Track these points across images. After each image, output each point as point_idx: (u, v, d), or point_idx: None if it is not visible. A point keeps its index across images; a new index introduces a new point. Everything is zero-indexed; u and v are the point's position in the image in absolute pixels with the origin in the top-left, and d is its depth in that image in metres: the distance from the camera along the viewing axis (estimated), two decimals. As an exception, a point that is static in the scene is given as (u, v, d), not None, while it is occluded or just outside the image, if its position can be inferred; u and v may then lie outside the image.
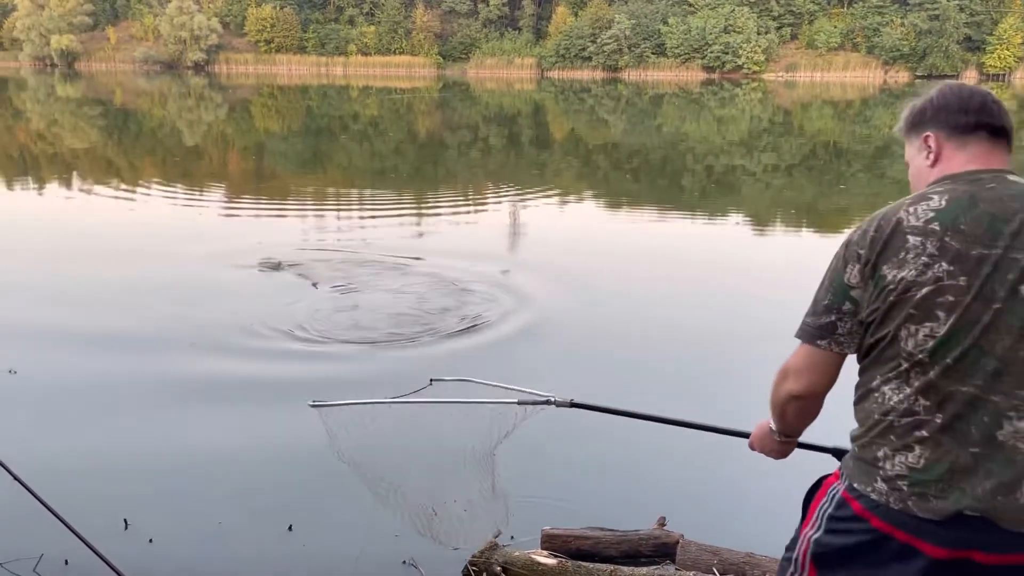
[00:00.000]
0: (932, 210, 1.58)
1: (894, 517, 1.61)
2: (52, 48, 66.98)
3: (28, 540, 3.28)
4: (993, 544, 1.56)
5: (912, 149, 1.78)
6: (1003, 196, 1.57)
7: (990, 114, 1.67)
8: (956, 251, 1.54)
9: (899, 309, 1.58)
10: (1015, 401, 1.54)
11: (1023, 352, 1.53)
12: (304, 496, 3.79)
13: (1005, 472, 1.54)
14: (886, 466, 1.62)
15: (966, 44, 59.55)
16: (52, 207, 11.87)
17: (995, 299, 1.53)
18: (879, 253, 1.60)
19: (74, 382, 5.09)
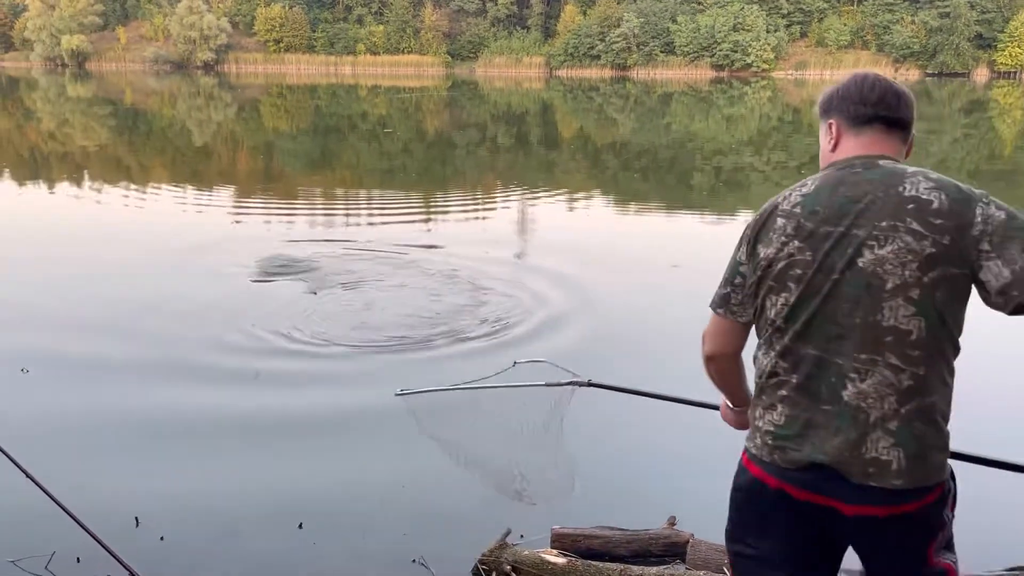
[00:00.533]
0: (801, 195, 1.80)
1: (766, 467, 1.83)
2: (63, 48, 67.35)
3: (40, 537, 3.30)
4: (849, 495, 1.73)
5: (822, 131, 1.95)
6: (862, 180, 1.75)
7: (887, 107, 1.83)
8: (809, 230, 1.75)
9: (764, 282, 1.81)
10: (855, 364, 1.71)
11: (858, 318, 1.70)
12: (314, 494, 3.80)
13: (851, 430, 1.72)
14: (759, 423, 1.86)
15: (977, 42, 59.18)
16: (64, 207, 11.94)
17: (834, 270, 1.72)
18: (757, 233, 1.84)
19: (85, 380, 5.12)
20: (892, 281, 1.68)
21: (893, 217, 1.69)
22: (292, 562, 3.29)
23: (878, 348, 1.70)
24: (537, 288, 7.17)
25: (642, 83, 55.04)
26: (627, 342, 5.94)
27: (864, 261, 1.70)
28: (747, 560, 1.92)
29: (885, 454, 1.71)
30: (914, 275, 1.67)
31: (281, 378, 5.17)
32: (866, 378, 1.71)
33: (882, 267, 1.69)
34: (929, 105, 36.30)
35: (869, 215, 1.71)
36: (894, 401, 1.71)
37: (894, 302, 1.69)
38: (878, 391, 1.71)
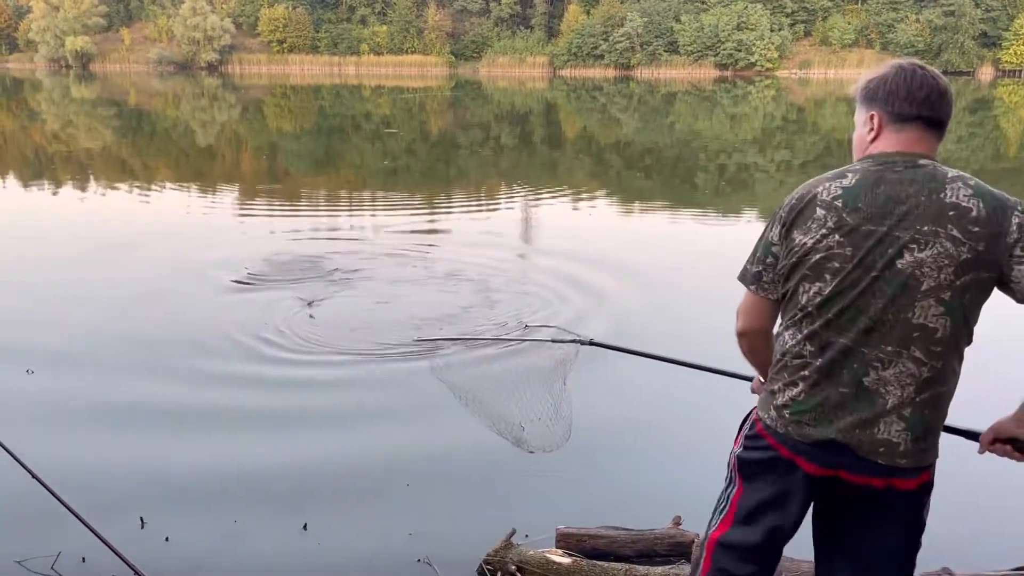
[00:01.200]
0: (841, 188, 1.87)
1: (780, 438, 1.98)
2: (67, 49, 67.50)
3: (46, 538, 3.30)
4: (855, 467, 1.90)
5: (860, 117, 1.99)
6: (904, 180, 1.84)
7: (931, 108, 1.88)
8: (850, 226, 1.83)
9: (799, 268, 1.90)
10: (880, 354, 1.85)
11: (891, 315, 1.83)
12: (319, 495, 3.80)
13: (866, 411, 1.87)
14: (778, 397, 1.98)
15: (982, 40, 59.02)
16: (68, 208, 11.96)
17: (874, 268, 1.82)
18: (793, 219, 1.91)
19: (91, 381, 5.12)
20: (928, 283, 1.81)
21: (935, 223, 1.79)
22: (297, 563, 3.29)
23: (905, 343, 1.84)
24: (542, 288, 7.17)
25: (646, 83, 54.99)
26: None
27: (903, 263, 1.81)
28: (739, 528, 2.10)
29: (896, 437, 1.87)
30: (948, 278, 1.80)
31: (287, 380, 5.18)
32: (888, 368, 1.85)
33: (920, 269, 1.80)
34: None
35: (911, 218, 1.81)
36: (912, 391, 1.86)
37: (926, 302, 1.81)
38: (899, 380, 1.85)
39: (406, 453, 4.19)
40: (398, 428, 4.46)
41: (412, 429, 4.44)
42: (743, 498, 2.11)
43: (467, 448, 4.23)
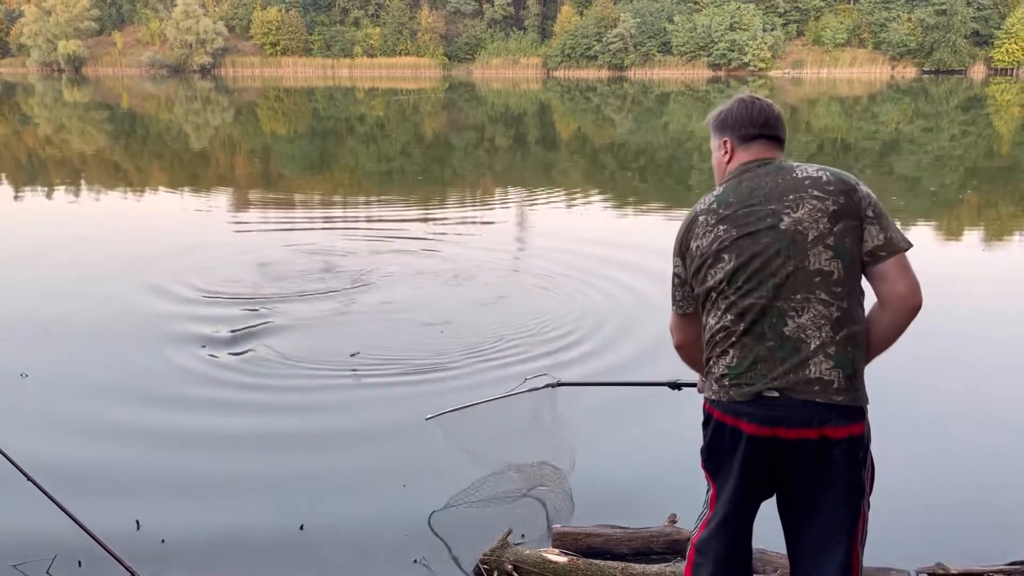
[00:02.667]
0: (713, 196, 2.25)
1: (723, 407, 2.15)
2: (59, 53, 67.37)
3: (42, 541, 3.30)
4: (790, 420, 2.05)
5: (715, 144, 2.40)
6: (760, 174, 2.21)
7: (769, 128, 2.30)
8: (727, 215, 2.17)
9: (703, 267, 2.20)
10: (792, 303, 2.07)
11: (790, 267, 2.08)
12: (315, 496, 3.80)
13: (793, 357, 2.06)
14: (714, 370, 2.18)
15: (973, 39, 59.22)
16: (61, 212, 11.93)
17: (761, 235, 2.11)
18: (685, 238, 2.27)
19: (86, 384, 5.12)
20: (811, 234, 2.09)
21: (796, 191, 2.14)
22: (294, 563, 3.30)
23: (810, 287, 2.07)
24: (545, 292, 7.18)
25: (639, 83, 55.05)
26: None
27: (785, 224, 2.11)
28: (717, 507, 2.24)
29: (827, 375, 2.05)
30: (827, 227, 2.09)
31: (281, 382, 5.17)
32: (803, 314, 2.07)
33: (800, 225, 2.10)
34: (926, 103, 36.36)
35: (776, 194, 2.15)
36: (830, 331, 2.07)
37: (816, 249, 2.08)
38: (815, 323, 2.07)
39: (402, 454, 4.19)
40: (394, 429, 4.46)
41: (408, 429, 4.44)
42: (718, 495, 2.25)
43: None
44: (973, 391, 5.07)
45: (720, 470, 2.22)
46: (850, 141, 22.10)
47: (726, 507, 2.22)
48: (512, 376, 5.20)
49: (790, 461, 2.10)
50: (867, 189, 2.16)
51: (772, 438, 2.08)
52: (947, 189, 13.66)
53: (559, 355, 5.53)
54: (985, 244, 9.65)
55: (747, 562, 2.31)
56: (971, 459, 4.19)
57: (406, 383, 5.12)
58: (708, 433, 2.23)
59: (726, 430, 2.16)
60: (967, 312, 6.52)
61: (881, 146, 20.64)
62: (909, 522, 3.56)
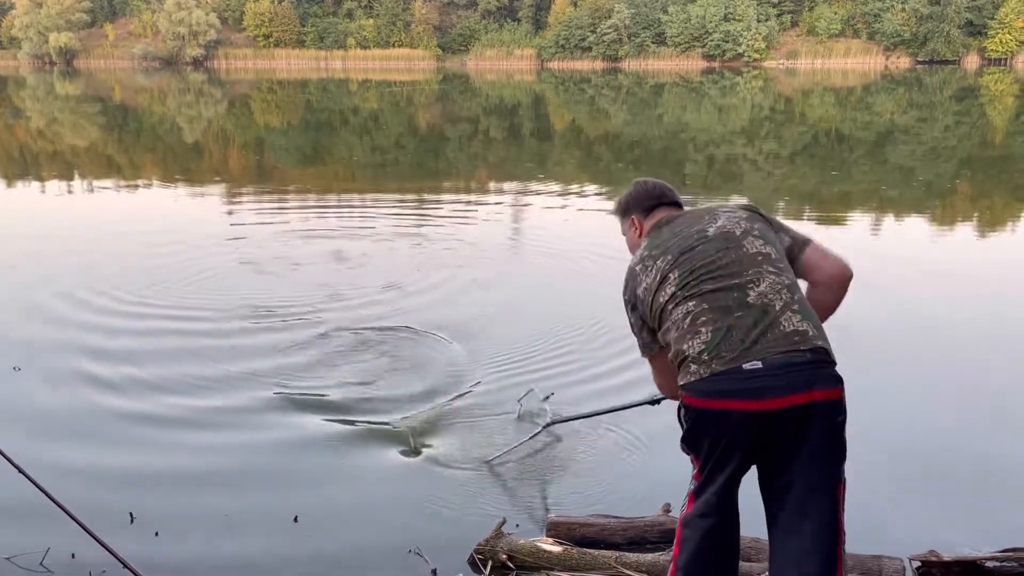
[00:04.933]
0: (643, 249, 2.52)
1: (704, 390, 2.19)
2: (51, 46, 66.99)
3: (35, 534, 3.29)
4: (777, 388, 2.11)
5: (624, 228, 2.75)
6: (673, 221, 2.54)
7: (667, 196, 2.68)
8: (660, 253, 2.43)
9: (655, 295, 2.38)
10: (748, 278, 2.25)
11: (733, 255, 2.30)
12: (309, 487, 3.80)
13: (764, 319, 2.19)
14: (689, 352, 2.24)
15: (967, 29, 59.23)
16: (53, 204, 11.88)
17: (694, 247, 2.35)
18: (631, 288, 2.50)
19: (78, 376, 5.10)
20: (738, 231, 2.36)
21: (708, 214, 2.46)
22: (288, 555, 3.29)
23: (756, 264, 2.27)
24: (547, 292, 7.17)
25: (633, 74, 54.96)
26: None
27: (712, 232, 2.37)
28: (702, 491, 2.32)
29: (800, 325, 2.19)
30: (747, 225, 2.38)
31: (274, 372, 5.16)
32: (760, 284, 2.24)
33: (726, 228, 2.37)
34: (920, 93, 36.36)
35: (693, 222, 2.46)
36: (787, 294, 2.24)
37: (748, 239, 2.33)
38: (773, 288, 2.23)
39: (396, 442, 4.19)
40: (386, 418, 4.46)
41: (401, 417, 4.44)
42: (701, 471, 2.33)
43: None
44: (967, 379, 5.08)
45: (705, 450, 2.28)
46: (844, 132, 22.11)
47: (713, 484, 2.28)
48: (514, 376, 5.22)
49: (777, 429, 2.16)
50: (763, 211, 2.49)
51: (760, 411, 2.14)
52: (941, 179, 13.68)
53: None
54: (978, 233, 9.67)
55: (736, 537, 2.38)
56: (964, 447, 4.21)
57: (397, 379, 5.12)
58: (689, 419, 2.29)
59: (708, 413, 2.21)
60: (960, 299, 6.54)
61: (875, 136, 20.65)
62: (902, 510, 3.58)
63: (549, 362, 5.26)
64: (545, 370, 5.10)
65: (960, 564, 3.01)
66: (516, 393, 4.59)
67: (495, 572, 3.12)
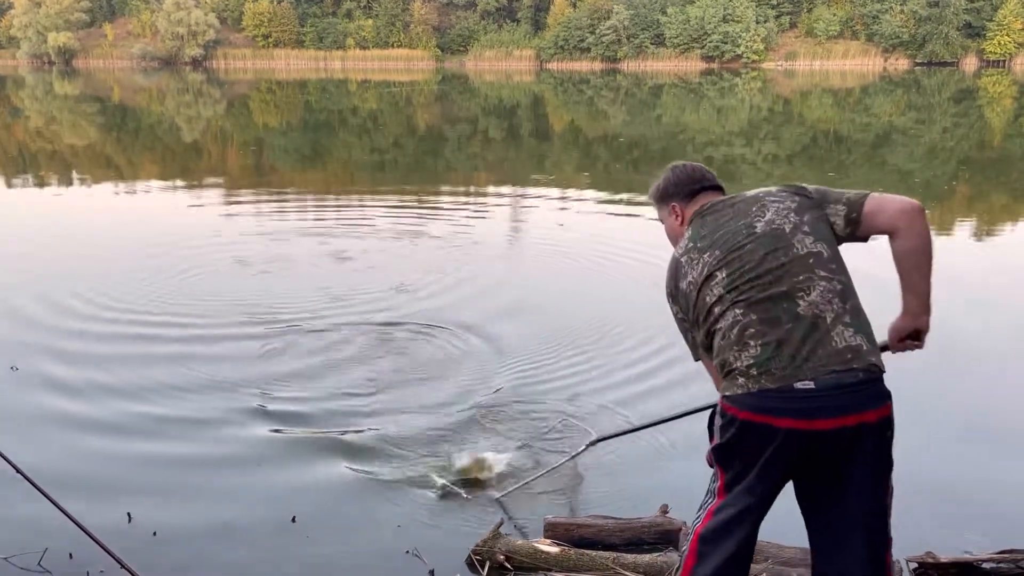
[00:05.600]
0: (687, 240, 2.39)
1: (750, 403, 2.11)
2: (49, 46, 66.88)
3: (33, 534, 3.29)
4: (829, 409, 2.04)
5: (663, 215, 2.59)
6: (716, 209, 2.37)
7: (707, 180, 2.51)
8: (706, 246, 2.29)
9: (699, 293, 2.27)
10: (798, 284, 2.13)
11: (783, 257, 2.17)
12: (307, 488, 3.80)
13: (815, 333, 2.09)
14: (737, 365, 2.15)
15: (966, 31, 59.22)
16: (51, 205, 11.88)
17: (744, 244, 2.22)
18: (673, 282, 2.38)
19: (76, 377, 5.10)
20: (787, 227, 2.21)
21: (755, 204, 2.29)
22: (286, 555, 3.29)
23: (807, 268, 2.15)
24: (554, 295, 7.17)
25: (632, 75, 54.97)
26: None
27: (760, 228, 2.23)
28: (729, 509, 2.22)
29: (853, 340, 2.10)
30: (797, 219, 2.22)
31: (272, 373, 5.17)
32: (811, 292, 2.13)
33: (775, 224, 2.22)
34: (919, 95, 36.39)
35: (739, 213, 2.30)
36: (839, 303, 2.13)
37: (797, 238, 2.19)
38: (824, 297, 2.12)
39: (396, 447, 4.19)
40: (385, 420, 4.46)
41: (399, 420, 4.44)
42: (727, 486, 2.23)
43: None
44: (960, 381, 5.09)
45: (739, 466, 2.19)
46: (843, 133, 22.12)
47: (745, 501, 2.19)
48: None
49: (826, 449, 2.10)
50: (810, 185, 2.34)
51: (809, 431, 2.07)
52: (939, 180, 13.69)
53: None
54: (975, 235, 9.68)
55: (751, 555, 2.31)
56: (960, 448, 4.21)
57: (397, 380, 5.13)
58: (730, 432, 2.18)
59: (754, 427, 2.12)
60: (957, 302, 6.54)
61: (874, 138, 20.67)
62: (899, 511, 3.57)
63: (567, 365, 5.27)
64: (564, 374, 5.11)
65: (956, 565, 3.02)
66: (526, 394, 4.63)
67: (493, 573, 3.12)
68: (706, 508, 2.29)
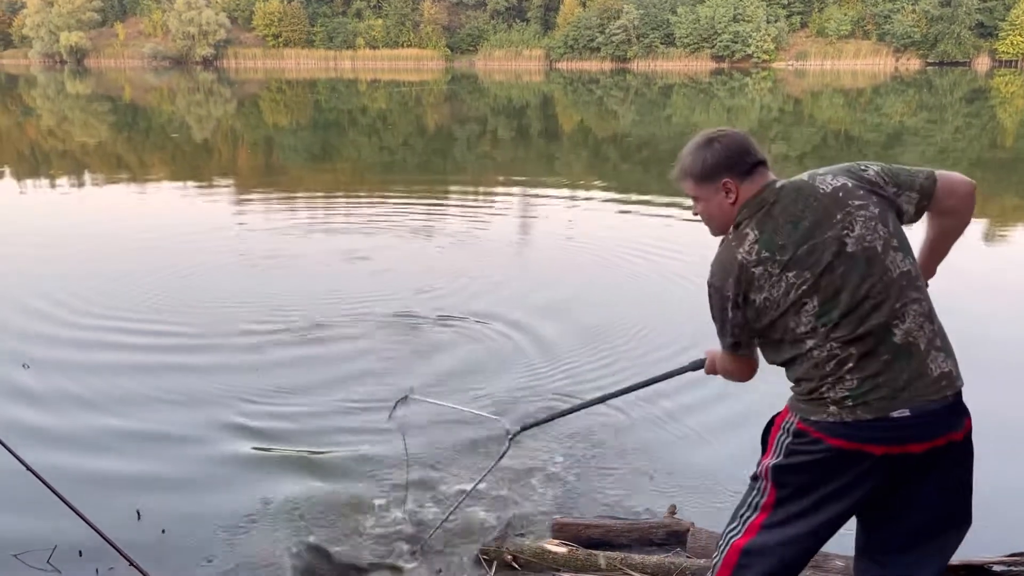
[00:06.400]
0: (755, 242, 2.11)
1: (844, 432, 2.04)
2: (61, 45, 67.29)
3: (42, 531, 3.31)
4: (922, 435, 2.02)
5: (710, 192, 2.22)
6: (785, 203, 2.12)
7: (759, 153, 2.21)
8: (788, 260, 2.07)
9: (780, 315, 2.10)
10: (894, 313, 2.04)
11: (879, 283, 2.04)
12: (315, 486, 3.81)
13: (912, 362, 2.03)
14: (829, 395, 2.06)
15: (978, 30, 58.91)
16: (63, 203, 11.95)
17: (835, 267, 2.05)
18: (743, 290, 2.13)
19: (86, 374, 5.12)
20: (878, 244, 2.07)
21: (839, 208, 2.08)
22: (294, 552, 3.30)
23: (902, 292, 2.06)
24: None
25: (642, 75, 54.90)
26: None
27: (851, 247, 2.05)
28: (784, 526, 2.14)
29: (946, 366, 2.07)
30: (885, 231, 2.08)
31: (281, 368, 5.18)
32: (905, 320, 2.05)
33: (865, 241, 2.06)
34: (930, 95, 36.21)
35: (821, 220, 2.07)
36: (929, 326, 2.08)
37: (889, 257, 2.06)
38: (916, 322, 2.06)
39: (401, 446, 4.20)
40: (394, 421, 4.46)
41: (407, 421, 4.45)
42: (779, 503, 2.15)
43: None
44: (972, 383, 5.04)
45: (807, 486, 2.11)
46: (854, 133, 22.03)
47: (808, 525, 2.12)
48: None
49: (914, 470, 2.07)
50: (872, 166, 2.17)
51: (902, 455, 2.04)
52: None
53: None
54: (986, 237, 9.62)
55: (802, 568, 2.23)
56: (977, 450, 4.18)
57: (410, 376, 5.13)
58: (810, 454, 2.09)
59: (843, 454, 2.05)
60: (967, 302, 6.50)
61: (885, 139, 20.57)
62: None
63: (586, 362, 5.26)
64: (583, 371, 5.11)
65: (967, 568, 3.00)
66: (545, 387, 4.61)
67: (501, 573, 3.12)
68: (746, 521, 2.19)
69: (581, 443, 4.20)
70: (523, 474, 3.90)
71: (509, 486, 3.80)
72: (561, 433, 4.26)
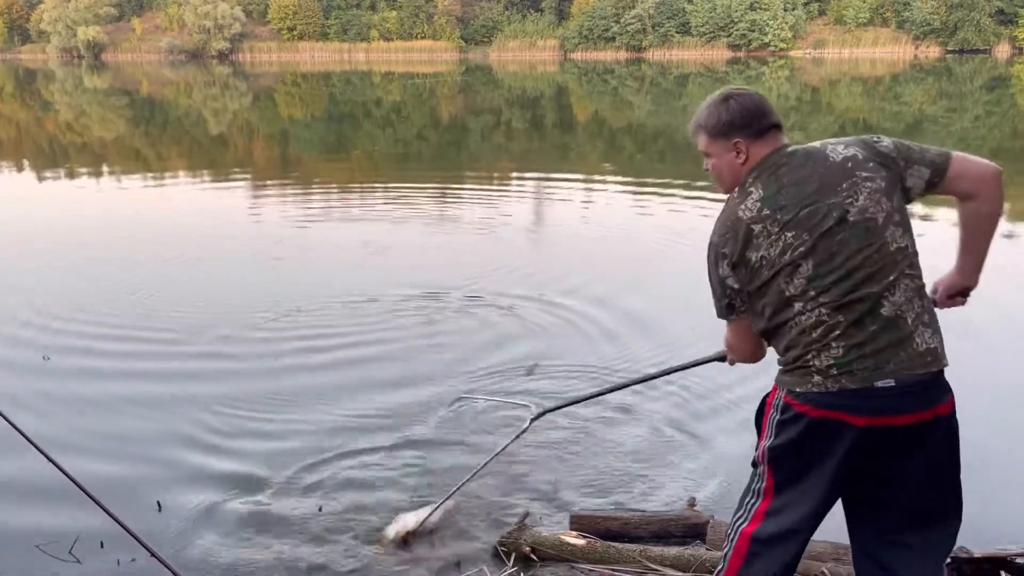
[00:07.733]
0: (757, 200, 2.13)
1: (827, 401, 2.05)
2: (79, 39, 67.64)
3: (64, 522, 3.34)
4: (906, 406, 2.03)
5: (720, 150, 2.23)
6: (794, 167, 2.13)
7: (775, 116, 2.23)
8: (789, 220, 2.08)
9: (776, 275, 2.10)
10: (885, 285, 2.04)
11: (875, 254, 2.05)
12: (333, 477, 3.82)
13: (899, 335, 2.04)
14: (814, 364, 2.07)
15: (998, 17, 58.06)
16: (82, 197, 12.04)
17: (835, 233, 2.05)
18: (740, 248, 2.13)
19: (107, 367, 5.16)
20: (880, 217, 2.07)
21: (846, 177, 2.08)
22: (312, 546, 3.31)
23: (897, 266, 2.06)
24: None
25: (658, 65, 54.56)
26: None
27: (853, 216, 2.06)
28: (783, 513, 2.15)
29: (931, 342, 2.07)
30: (888, 205, 2.08)
31: (299, 364, 5.19)
32: (896, 293, 2.05)
33: (867, 212, 2.06)
34: (950, 83, 35.78)
35: (826, 186, 2.08)
36: (918, 302, 2.08)
37: (889, 231, 2.07)
38: (907, 298, 2.06)
39: (420, 439, 4.20)
40: (411, 415, 4.47)
41: (424, 416, 4.45)
42: (778, 487, 2.16)
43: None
44: (1000, 376, 5.00)
45: (798, 468, 2.13)
46: (872, 122, 21.80)
47: (804, 506, 2.13)
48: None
49: (899, 445, 2.08)
50: (886, 139, 2.16)
51: (885, 427, 2.05)
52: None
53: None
54: (1009, 226, 9.50)
55: (798, 563, 2.25)
56: (994, 441, 4.14)
57: (420, 378, 5.13)
58: (795, 430, 2.11)
59: (827, 425, 2.06)
60: (990, 294, 6.42)
61: (904, 127, 20.34)
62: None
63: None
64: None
65: (991, 560, 2.97)
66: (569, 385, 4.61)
67: (519, 565, 3.11)
68: (751, 508, 2.20)
69: (599, 433, 4.18)
70: (541, 465, 3.89)
71: (526, 477, 3.79)
72: (580, 421, 4.25)
